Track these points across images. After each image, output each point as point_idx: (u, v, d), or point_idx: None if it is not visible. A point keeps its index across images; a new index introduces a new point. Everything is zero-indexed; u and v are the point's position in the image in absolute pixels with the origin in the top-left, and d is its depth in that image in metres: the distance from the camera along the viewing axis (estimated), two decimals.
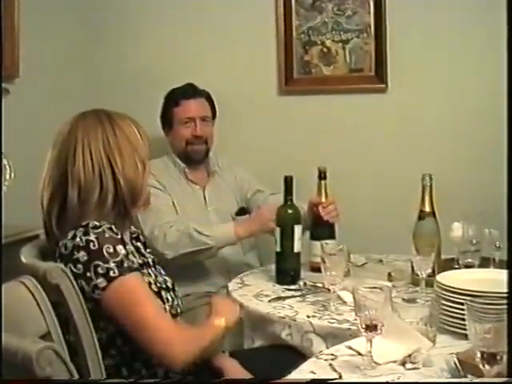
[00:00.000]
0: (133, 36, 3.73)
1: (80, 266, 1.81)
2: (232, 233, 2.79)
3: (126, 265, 1.82)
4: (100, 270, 1.81)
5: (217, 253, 2.87)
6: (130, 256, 1.88)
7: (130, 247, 1.97)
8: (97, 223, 1.85)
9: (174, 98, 3.16)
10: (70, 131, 1.94)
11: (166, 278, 2.07)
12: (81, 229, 1.84)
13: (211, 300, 2.12)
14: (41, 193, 1.95)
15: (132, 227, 2.12)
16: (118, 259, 1.82)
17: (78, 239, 1.83)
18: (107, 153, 1.91)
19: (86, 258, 1.81)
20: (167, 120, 3.17)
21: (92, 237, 1.83)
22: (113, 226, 1.88)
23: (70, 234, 1.85)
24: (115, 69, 3.76)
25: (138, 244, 2.13)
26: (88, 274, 1.81)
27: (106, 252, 1.81)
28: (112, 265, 1.81)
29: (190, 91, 3.15)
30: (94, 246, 1.82)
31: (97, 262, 1.81)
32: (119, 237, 1.87)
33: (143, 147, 1.97)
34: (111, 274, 1.80)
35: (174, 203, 2.99)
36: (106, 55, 3.76)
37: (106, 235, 1.84)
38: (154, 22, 3.68)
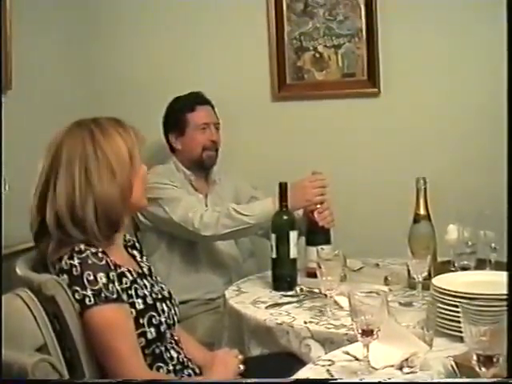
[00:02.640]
0: (126, 45, 3.74)
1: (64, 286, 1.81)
2: (271, 208, 2.69)
3: (103, 295, 1.80)
4: (77, 296, 1.80)
5: (258, 231, 2.87)
6: (111, 285, 1.83)
7: (121, 269, 1.92)
8: (82, 247, 1.84)
9: (188, 104, 3.14)
10: (57, 150, 1.92)
11: (163, 286, 2.06)
12: (68, 252, 1.84)
13: (214, 353, 2.10)
14: (31, 204, 1.94)
15: (127, 236, 2.12)
16: (96, 288, 1.80)
17: (63, 262, 1.83)
18: (87, 177, 1.89)
19: (67, 281, 1.82)
20: (179, 126, 3.13)
21: (75, 261, 1.82)
22: (99, 250, 1.86)
23: (58, 255, 1.85)
24: (109, 78, 3.75)
25: (134, 252, 2.13)
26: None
27: (86, 279, 1.80)
28: (89, 293, 1.80)
29: (202, 98, 3.16)
30: (76, 271, 1.82)
31: (75, 288, 1.81)
32: (103, 263, 1.84)
33: (129, 166, 1.94)
34: (87, 301, 1.80)
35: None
36: (98, 64, 3.76)
37: (89, 261, 1.83)
38: (147, 30, 3.68)
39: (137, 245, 2.18)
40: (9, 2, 3.06)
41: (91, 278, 1.81)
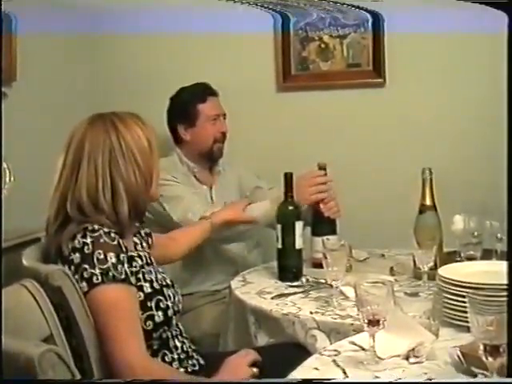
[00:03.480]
0: (132, 36, 3.73)
1: (73, 267, 1.83)
2: (269, 209, 2.70)
3: (111, 274, 1.82)
4: (85, 275, 1.81)
5: (259, 228, 2.89)
6: (120, 266, 1.85)
7: (132, 253, 1.95)
8: (96, 226, 1.87)
9: (199, 95, 3.10)
10: (79, 142, 1.97)
11: (164, 275, 2.08)
12: (81, 231, 1.86)
13: (226, 359, 2.04)
14: (52, 194, 1.98)
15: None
16: (104, 267, 1.82)
17: (76, 241, 1.85)
18: (111, 168, 1.94)
19: (78, 260, 1.83)
20: (189, 117, 3.09)
21: (88, 240, 1.85)
22: (112, 231, 1.88)
23: (71, 235, 1.87)
24: (115, 69, 3.76)
25: (138, 240, 2.13)
26: (76, 276, 1.82)
27: (96, 257, 1.82)
28: (97, 271, 1.81)
29: (211, 89, 3.13)
30: (88, 249, 1.83)
31: (85, 266, 1.82)
32: (115, 243, 1.87)
33: (150, 157, 2.00)
34: (94, 280, 1.81)
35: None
36: (105, 56, 3.76)
37: (101, 240, 1.85)
38: (150, 20, 3.67)
39: (142, 232, 2.19)
40: None
41: (101, 256, 1.83)
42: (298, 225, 2.54)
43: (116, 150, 1.94)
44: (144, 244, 2.15)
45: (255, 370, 2.01)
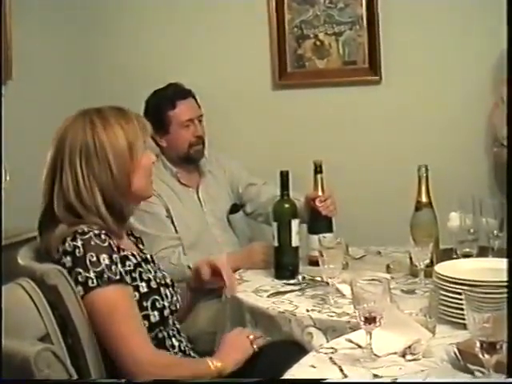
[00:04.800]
0: (124, 34, 3.73)
1: (65, 270, 1.81)
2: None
3: (105, 276, 1.81)
4: (80, 278, 1.80)
5: None
6: (113, 267, 1.84)
7: (124, 253, 1.93)
8: (85, 229, 1.85)
9: (169, 101, 3.00)
10: (60, 139, 1.94)
11: (165, 273, 2.07)
12: (71, 234, 1.84)
13: (225, 336, 2.08)
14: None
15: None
16: (98, 269, 1.80)
17: (66, 244, 1.83)
18: (88, 168, 1.90)
19: (70, 264, 1.82)
20: (161, 125, 2.98)
21: (78, 243, 1.83)
22: (102, 232, 1.86)
23: (61, 238, 1.85)
24: (108, 67, 3.76)
25: (135, 239, 2.13)
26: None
27: (89, 260, 1.81)
28: (92, 274, 1.80)
29: (182, 91, 3.03)
30: (79, 252, 1.82)
31: (78, 270, 1.81)
32: (106, 244, 1.85)
33: (127, 159, 1.93)
34: (89, 283, 1.80)
35: (169, 212, 2.93)
36: (98, 54, 3.76)
37: (92, 243, 1.83)
38: (147, 19, 3.68)
39: (135, 233, 2.18)
40: None
41: (94, 259, 1.81)
42: (294, 223, 2.53)
43: (91, 150, 1.90)
44: (140, 246, 2.13)
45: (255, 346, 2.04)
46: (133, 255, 1.96)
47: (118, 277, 1.83)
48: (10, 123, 2.82)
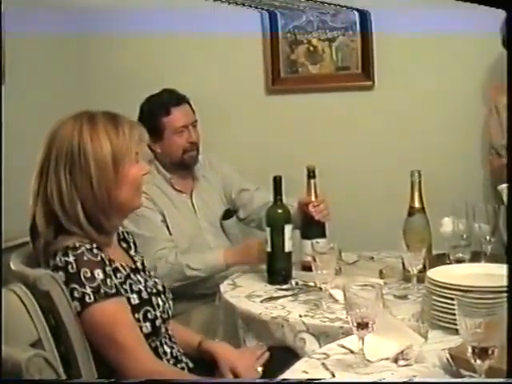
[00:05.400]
0: (119, 39, 3.73)
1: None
2: (222, 261, 2.76)
3: (102, 291, 1.79)
4: (76, 294, 1.79)
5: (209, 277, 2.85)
6: (109, 280, 1.82)
7: (116, 264, 1.90)
8: (77, 244, 1.82)
9: (163, 107, 2.98)
10: (49, 142, 1.90)
11: (156, 280, 2.06)
12: (62, 249, 1.82)
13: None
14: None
15: (120, 228, 2.10)
16: (94, 284, 1.79)
17: (57, 259, 1.81)
18: (70, 175, 1.85)
19: (63, 279, 1.79)
20: (156, 131, 2.95)
21: (71, 258, 1.80)
22: (94, 246, 1.84)
23: (52, 252, 1.83)
24: (102, 72, 3.75)
25: (126, 245, 2.11)
26: None
27: (83, 276, 1.78)
28: (88, 290, 1.78)
29: (176, 98, 3.01)
30: (72, 268, 1.80)
31: (73, 286, 1.79)
32: (98, 259, 1.83)
33: (109, 172, 1.86)
34: (86, 299, 1.78)
35: (164, 218, 2.92)
36: (93, 59, 3.75)
37: (85, 258, 1.80)
38: (141, 21, 3.67)
39: (128, 238, 2.14)
40: None
41: (88, 274, 1.79)
42: (288, 228, 2.53)
43: (75, 157, 1.84)
44: (131, 252, 2.10)
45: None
46: (122, 266, 1.93)
47: (113, 290, 1.82)
48: (4, 125, 2.81)
